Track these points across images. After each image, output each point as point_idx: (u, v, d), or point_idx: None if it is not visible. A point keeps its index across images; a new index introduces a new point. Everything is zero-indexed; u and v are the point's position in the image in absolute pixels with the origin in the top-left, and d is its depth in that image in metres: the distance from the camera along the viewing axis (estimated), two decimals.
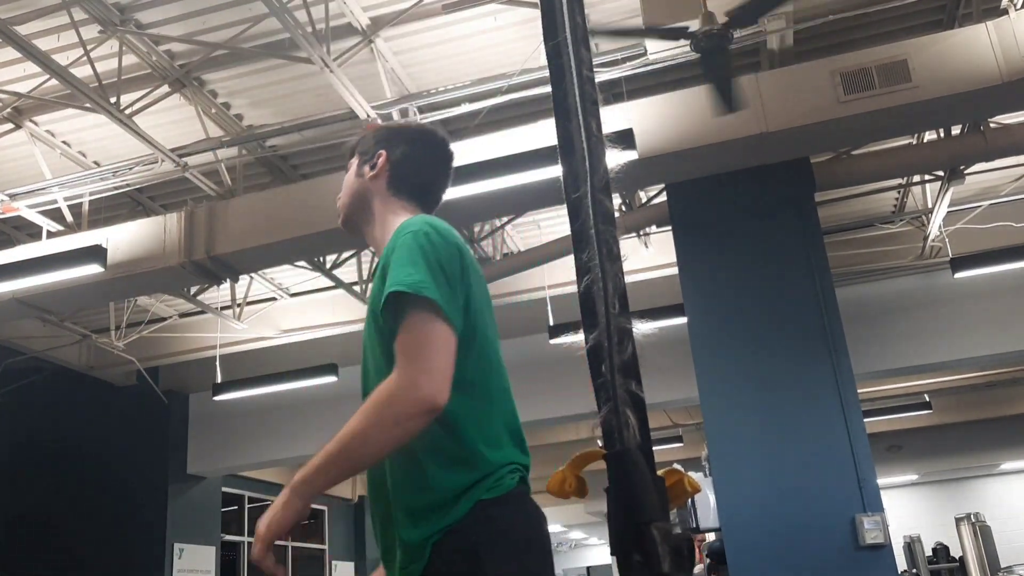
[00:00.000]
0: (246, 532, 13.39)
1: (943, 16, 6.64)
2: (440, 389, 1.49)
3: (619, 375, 0.82)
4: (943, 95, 5.62)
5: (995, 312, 8.93)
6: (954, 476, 17.27)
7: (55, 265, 6.80)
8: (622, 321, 0.85)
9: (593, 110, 0.92)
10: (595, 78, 1.06)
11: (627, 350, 0.83)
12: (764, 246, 6.37)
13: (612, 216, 0.89)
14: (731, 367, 6.19)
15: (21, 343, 9.73)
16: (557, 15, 0.94)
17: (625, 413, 0.83)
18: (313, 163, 7.80)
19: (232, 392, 9.90)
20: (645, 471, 0.83)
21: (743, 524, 5.85)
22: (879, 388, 12.89)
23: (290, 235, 6.64)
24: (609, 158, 1.01)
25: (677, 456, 13.29)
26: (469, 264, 1.67)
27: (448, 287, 1.57)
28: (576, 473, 0.90)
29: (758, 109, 5.90)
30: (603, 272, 0.86)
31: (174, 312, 10.30)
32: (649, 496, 0.83)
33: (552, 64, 1.00)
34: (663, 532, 0.83)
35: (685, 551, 0.84)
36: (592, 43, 5.66)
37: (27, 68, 6.16)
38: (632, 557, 0.83)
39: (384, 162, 1.87)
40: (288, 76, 6.54)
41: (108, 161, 7.26)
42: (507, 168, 5.93)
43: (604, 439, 0.86)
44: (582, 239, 0.86)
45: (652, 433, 0.79)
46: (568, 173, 0.90)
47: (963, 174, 7.47)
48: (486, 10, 6.03)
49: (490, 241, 8.70)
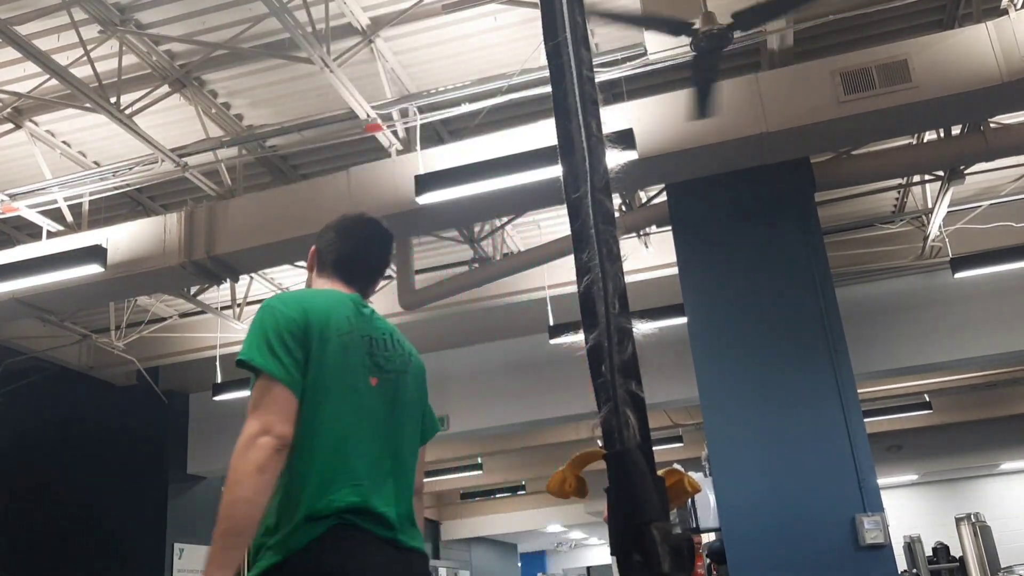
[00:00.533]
0: None
1: (943, 16, 6.65)
2: (281, 424, 1.83)
3: (619, 375, 0.82)
4: (943, 95, 5.62)
5: (995, 312, 8.94)
6: (954, 476, 17.28)
7: (55, 265, 6.81)
8: (622, 321, 0.85)
9: (593, 110, 0.92)
10: (595, 78, 1.06)
11: (627, 350, 0.83)
12: (764, 246, 6.37)
13: (612, 216, 0.89)
14: (731, 367, 6.19)
15: (21, 343, 9.73)
16: (557, 15, 0.94)
17: (625, 413, 0.83)
18: (313, 163, 7.80)
19: (232, 392, 9.90)
20: (645, 471, 0.83)
21: (743, 524, 5.85)
22: (879, 388, 12.89)
23: (290, 235, 6.64)
24: (609, 158, 1.01)
25: (677, 456, 13.29)
26: (318, 326, 1.97)
27: (281, 351, 1.91)
28: (576, 473, 0.90)
29: (758, 109, 5.90)
30: (603, 272, 0.86)
31: (174, 312, 10.30)
32: (649, 496, 0.83)
33: (552, 64, 1.00)
34: (663, 532, 0.82)
35: (685, 551, 0.83)
36: (592, 43, 5.64)
37: (27, 68, 6.16)
38: (632, 557, 0.83)
39: (312, 252, 2.28)
40: (288, 76, 6.54)
41: (108, 161, 7.26)
42: (507, 168, 5.93)
43: (604, 439, 0.86)
44: (582, 239, 0.86)
45: (652, 433, 0.79)
46: (568, 173, 0.90)
47: (963, 174, 7.47)
48: (486, 10, 6.03)
49: (490, 241, 8.70)
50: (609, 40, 6.34)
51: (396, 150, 6.70)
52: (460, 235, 8.43)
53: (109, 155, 7.28)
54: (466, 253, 8.78)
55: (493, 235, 8.67)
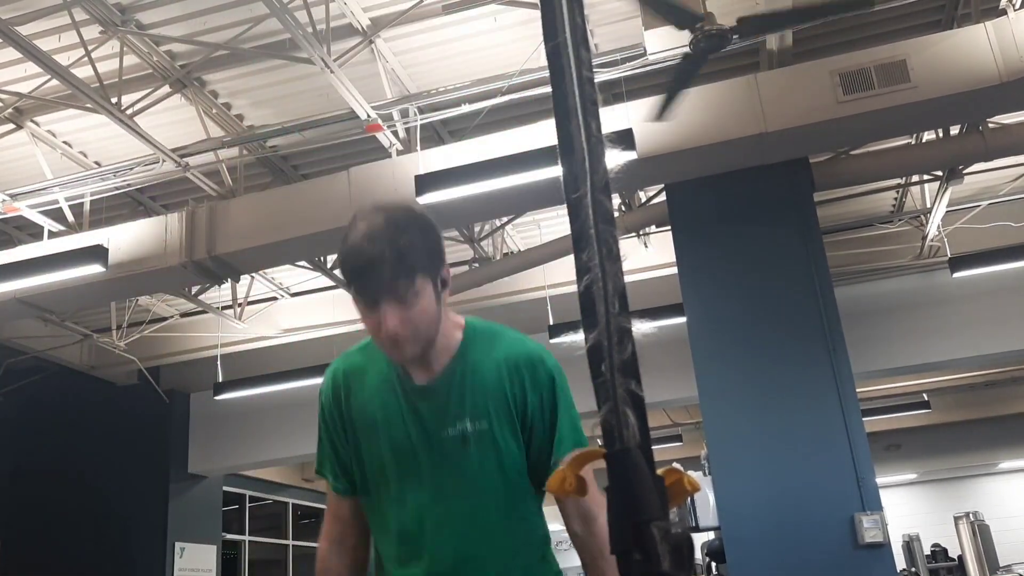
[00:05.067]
0: (247, 531, 13.41)
1: (942, 16, 6.66)
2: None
3: (619, 374, 0.83)
4: (942, 95, 5.63)
5: (993, 311, 8.95)
6: (953, 475, 17.28)
7: (57, 265, 6.82)
8: (622, 321, 0.86)
9: (593, 111, 0.93)
10: (595, 79, 1.07)
11: (627, 349, 0.84)
12: (763, 246, 6.38)
13: (612, 216, 0.90)
14: (730, 366, 6.21)
15: (23, 343, 9.74)
16: (557, 16, 0.95)
17: (625, 412, 0.84)
18: (314, 163, 7.81)
19: (233, 391, 9.92)
20: (645, 470, 0.84)
21: (742, 523, 5.87)
22: (878, 387, 12.90)
23: (291, 235, 6.65)
24: (609, 158, 1.02)
25: (676, 455, 13.30)
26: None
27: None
28: (576, 472, 0.91)
29: (757, 109, 5.91)
30: (603, 272, 0.87)
31: (175, 312, 10.31)
32: (649, 495, 0.84)
33: (552, 65, 1.01)
34: (663, 531, 0.84)
35: (685, 549, 0.85)
36: (592, 44, 5.64)
37: (28, 68, 6.17)
38: (632, 555, 0.84)
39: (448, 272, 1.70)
40: (289, 76, 6.55)
41: (109, 161, 7.27)
42: (507, 168, 5.94)
43: (604, 438, 0.87)
44: (582, 239, 0.87)
45: (652, 432, 0.80)
46: (568, 173, 0.91)
47: (962, 174, 7.47)
48: (486, 11, 6.04)
49: (490, 241, 8.71)
50: (609, 41, 6.36)
51: (396, 150, 6.72)
52: (460, 235, 8.44)
53: (110, 155, 7.29)
54: (466, 253, 8.80)
55: (493, 235, 8.69)
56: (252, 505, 13.58)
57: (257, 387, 9.88)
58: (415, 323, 1.60)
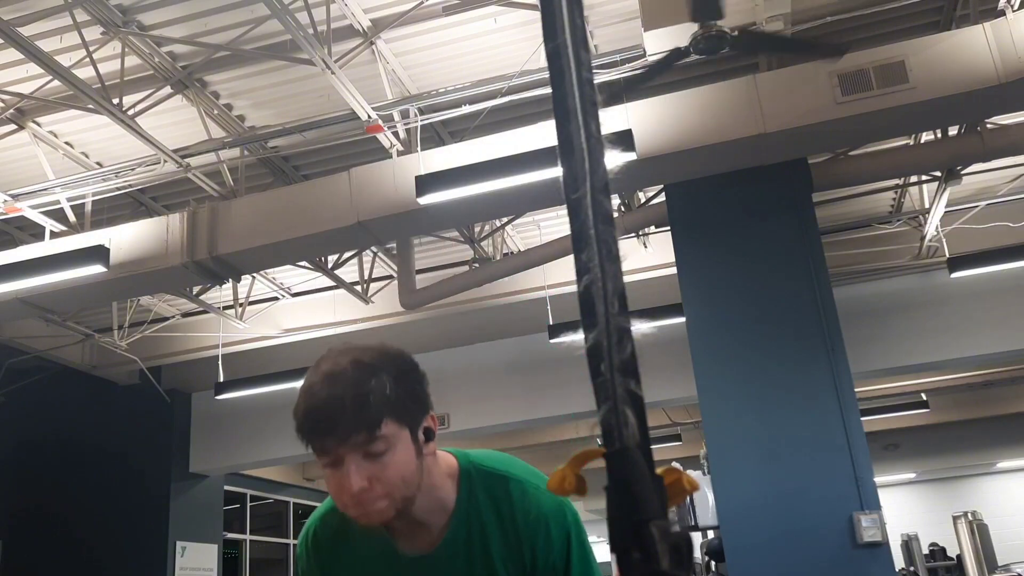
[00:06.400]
0: (248, 530, 13.43)
1: (940, 17, 6.67)
2: None
3: (618, 374, 0.85)
4: (940, 96, 5.65)
5: (992, 312, 8.96)
6: (951, 474, 17.31)
7: (58, 265, 6.83)
8: (621, 321, 0.87)
9: (593, 111, 0.94)
10: (594, 79, 1.08)
11: (626, 349, 0.86)
12: (762, 246, 6.40)
13: (611, 216, 0.91)
14: (729, 366, 6.22)
15: (24, 343, 9.75)
16: (556, 17, 0.96)
17: (624, 412, 0.85)
18: (315, 164, 7.83)
19: (234, 391, 9.92)
20: (644, 469, 0.85)
21: (741, 522, 5.88)
22: (876, 387, 12.91)
23: (292, 235, 6.67)
24: (608, 159, 1.03)
25: (676, 454, 13.32)
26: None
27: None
28: (576, 471, 0.92)
29: (756, 110, 5.93)
30: (602, 272, 0.89)
31: (176, 312, 10.33)
32: (648, 494, 0.85)
33: (552, 66, 1.02)
34: (662, 530, 0.85)
35: (684, 549, 0.85)
36: (591, 45, 5.65)
37: (30, 69, 6.18)
38: (631, 554, 0.85)
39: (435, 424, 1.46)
40: (290, 77, 6.57)
41: (111, 162, 7.29)
42: (507, 169, 5.96)
43: (603, 437, 0.88)
44: (582, 239, 0.88)
45: (651, 431, 0.81)
46: (568, 174, 0.92)
47: (960, 174, 7.49)
48: (486, 12, 6.05)
49: (490, 241, 8.73)
50: (608, 41, 6.37)
51: (397, 151, 6.73)
52: (460, 235, 8.46)
53: (111, 156, 7.30)
54: (466, 253, 8.81)
55: (493, 235, 8.70)
56: (253, 504, 13.59)
57: (258, 387, 9.89)
58: (385, 480, 1.33)
